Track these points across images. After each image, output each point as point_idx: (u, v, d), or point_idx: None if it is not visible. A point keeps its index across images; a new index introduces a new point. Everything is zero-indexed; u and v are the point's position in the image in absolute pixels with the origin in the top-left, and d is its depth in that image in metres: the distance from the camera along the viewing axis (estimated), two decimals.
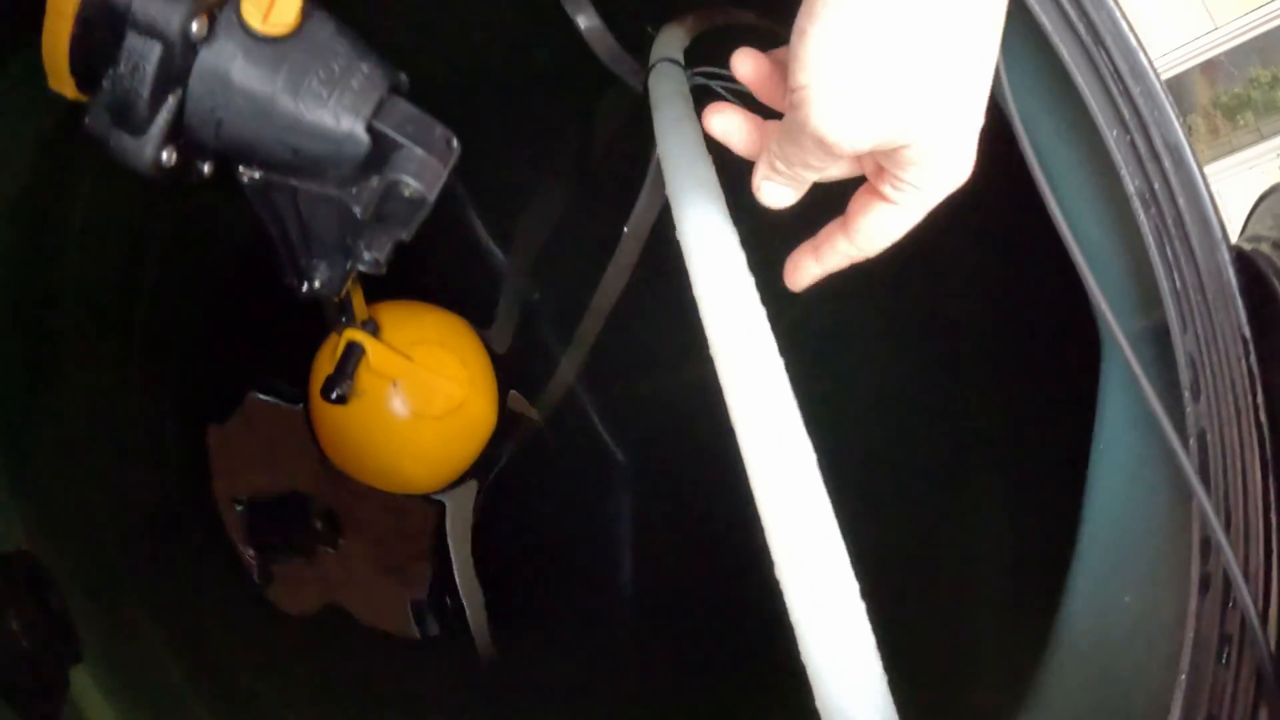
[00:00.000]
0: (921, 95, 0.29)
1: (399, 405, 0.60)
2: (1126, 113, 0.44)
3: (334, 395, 0.57)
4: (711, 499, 0.85)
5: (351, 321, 0.56)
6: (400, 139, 0.36)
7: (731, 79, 0.67)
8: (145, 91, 0.32)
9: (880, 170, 0.35)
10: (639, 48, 0.61)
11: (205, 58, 0.33)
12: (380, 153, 0.36)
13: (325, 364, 0.60)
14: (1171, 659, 0.41)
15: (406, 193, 0.36)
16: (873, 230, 0.37)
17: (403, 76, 0.37)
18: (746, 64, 0.40)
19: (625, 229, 0.68)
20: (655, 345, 0.85)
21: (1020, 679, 0.51)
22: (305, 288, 0.50)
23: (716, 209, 0.48)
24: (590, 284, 0.73)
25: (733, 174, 0.50)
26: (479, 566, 0.81)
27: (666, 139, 0.54)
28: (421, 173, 0.36)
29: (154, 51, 0.31)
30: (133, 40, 0.31)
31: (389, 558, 0.79)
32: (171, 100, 0.33)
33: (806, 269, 0.42)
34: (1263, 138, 2.15)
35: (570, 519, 0.90)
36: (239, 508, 0.70)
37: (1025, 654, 0.52)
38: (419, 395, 0.61)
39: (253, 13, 0.32)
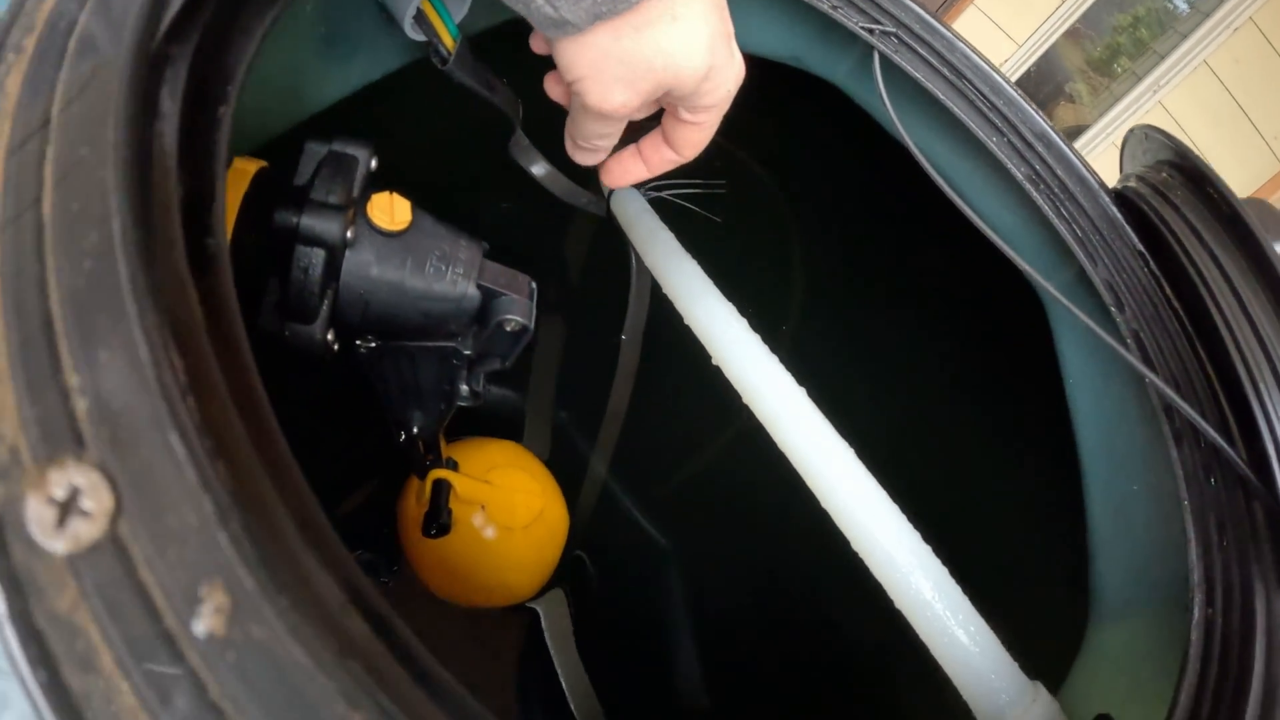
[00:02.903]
0: (654, 63, 0.38)
1: (490, 525, 0.68)
2: (997, 121, 0.57)
3: (434, 530, 0.64)
4: (753, 562, 0.92)
5: (438, 463, 0.65)
6: (498, 289, 0.46)
7: (678, 185, 0.79)
8: (315, 288, 0.41)
9: (674, 107, 0.46)
10: (585, 176, 0.72)
11: (351, 257, 0.43)
12: (484, 303, 0.46)
13: (412, 508, 0.68)
14: (1179, 515, 0.49)
15: (509, 328, 0.46)
16: (689, 143, 0.48)
17: (484, 244, 0.48)
18: (556, 87, 0.50)
19: (623, 337, 0.78)
20: (673, 427, 0.94)
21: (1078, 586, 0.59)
22: (403, 436, 0.59)
23: (713, 295, 0.59)
24: (602, 390, 0.82)
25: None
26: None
27: (651, 251, 0.63)
28: (519, 310, 0.46)
29: (320, 257, 0.41)
30: (301, 250, 0.41)
31: (470, 677, 0.83)
32: (330, 293, 0.43)
33: (634, 173, 0.52)
34: (1138, 78, 2.41)
35: (626, 611, 0.95)
36: None
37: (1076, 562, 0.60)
38: (504, 511, 0.69)
39: (380, 217, 0.43)
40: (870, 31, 0.57)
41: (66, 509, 0.16)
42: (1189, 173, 0.51)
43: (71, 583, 0.16)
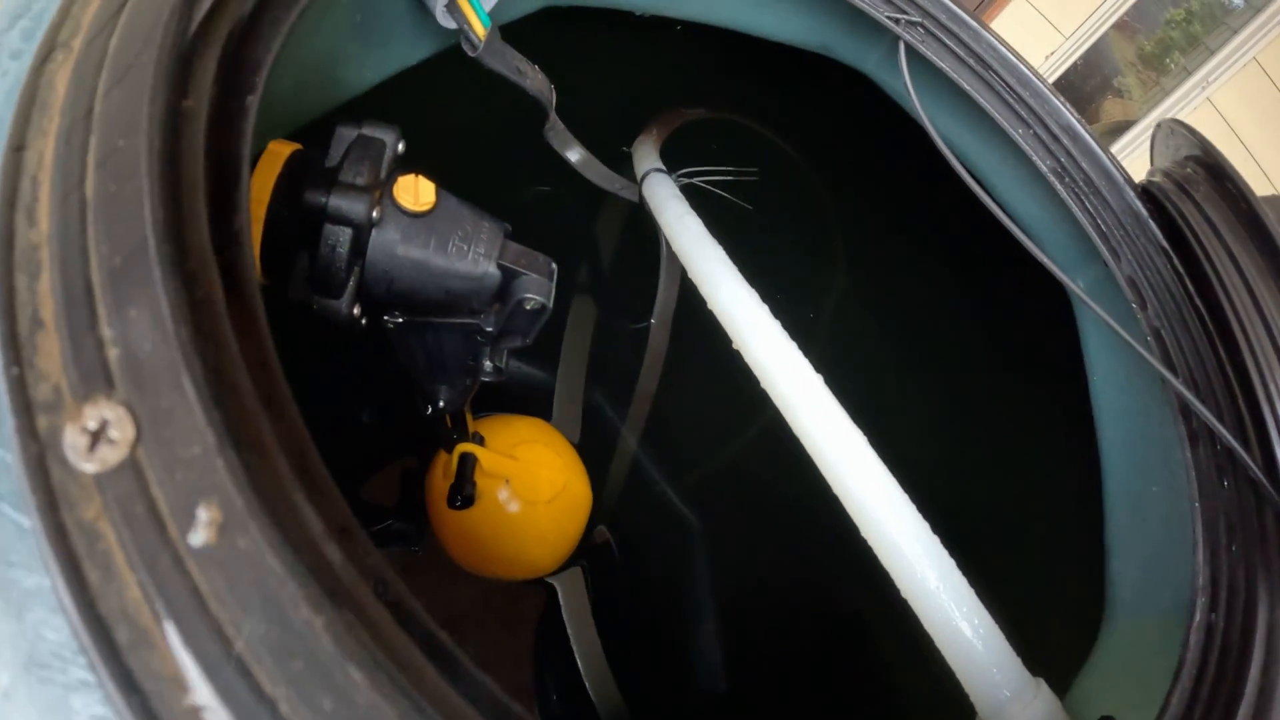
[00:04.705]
0: None
1: (514, 498, 0.71)
2: (1024, 113, 0.56)
3: (459, 501, 0.67)
4: (781, 540, 0.93)
5: (465, 437, 0.68)
6: (518, 269, 0.48)
7: (710, 172, 0.80)
8: (342, 264, 0.44)
9: None
10: (619, 166, 0.72)
11: (376, 236, 0.45)
12: (505, 282, 0.48)
13: (439, 481, 0.72)
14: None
15: (529, 306, 0.49)
16: None
17: (506, 225, 0.50)
18: None
19: (652, 320, 0.79)
20: (703, 409, 0.95)
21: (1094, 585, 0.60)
22: (431, 410, 0.62)
23: (736, 280, 0.60)
24: (632, 372, 0.84)
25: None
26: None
27: (679, 237, 0.65)
28: (539, 289, 0.48)
29: (346, 235, 0.43)
30: (329, 228, 0.43)
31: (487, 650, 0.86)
32: (356, 270, 0.46)
33: None
34: (1188, 73, 2.32)
35: (649, 588, 0.97)
36: None
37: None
38: (528, 486, 0.72)
39: (406, 198, 0.45)
40: (896, 21, 0.57)
41: (97, 437, 0.19)
42: (1211, 168, 0.50)
43: (97, 497, 0.19)
